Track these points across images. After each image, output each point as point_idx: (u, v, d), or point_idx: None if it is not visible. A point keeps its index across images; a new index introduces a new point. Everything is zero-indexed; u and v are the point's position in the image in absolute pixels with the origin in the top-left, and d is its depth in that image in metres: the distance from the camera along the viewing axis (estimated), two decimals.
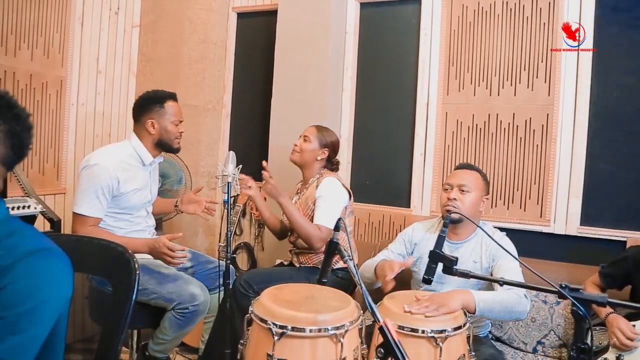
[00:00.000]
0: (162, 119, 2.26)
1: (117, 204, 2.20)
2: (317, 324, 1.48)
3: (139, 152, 2.27)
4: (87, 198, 2.11)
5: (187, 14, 3.41)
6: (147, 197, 2.34)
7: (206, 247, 3.48)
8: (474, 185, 2.11)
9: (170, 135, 2.29)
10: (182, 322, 2.12)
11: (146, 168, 2.32)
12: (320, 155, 2.53)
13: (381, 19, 3.16)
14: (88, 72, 3.23)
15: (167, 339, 2.17)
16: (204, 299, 2.16)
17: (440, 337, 1.58)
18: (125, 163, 2.21)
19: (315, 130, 2.55)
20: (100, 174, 2.10)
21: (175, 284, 2.13)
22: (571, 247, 2.66)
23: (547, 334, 2.34)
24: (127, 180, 2.18)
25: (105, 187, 2.11)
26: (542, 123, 2.72)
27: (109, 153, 2.23)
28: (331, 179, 2.48)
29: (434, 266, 1.54)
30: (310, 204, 2.47)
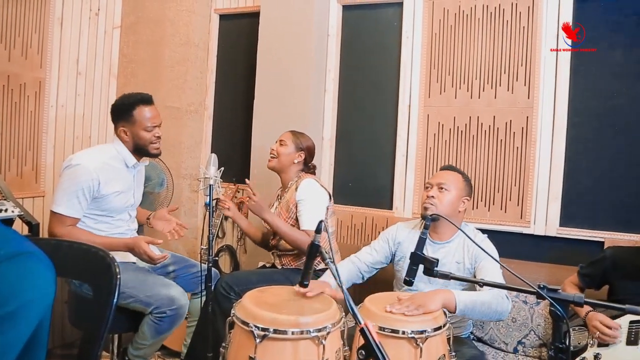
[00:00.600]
0: (133, 127, 2.22)
1: (98, 206, 2.18)
2: (299, 326, 1.48)
3: (122, 154, 2.25)
4: (67, 198, 2.09)
5: (168, 15, 3.38)
6: (129, 200, 2.31)
7: (188, 250, 3.46)
8: (454, 185, 2.13)
9: (143, 142, 2.24)
10: (160, 327, 2.09)
11: (130, 171, 2.29)
12: (297, 158, 2.58)
13: (363, 22, 3.18)
14: (68, 73, 3.18)
15: (146, 344, 2.14)
16: (183, 302, 2.13)
17: (421, 337, 1.59)
18: (107, 165, 2.19)
19: (291, 135, 2.61)
20: (82, 174, 2.09)
21: (154, 287, 2.10)
22: (551, 248, 2.70)
23: (527, 334, 2.37)
24: (108, 181, 2.16)
25: (86, 187, 2.10)
26: (522, 125, 2.75)
27: (92, 154, 2.21)
28: (309, 180, 2.53)
29: (415, 268, 1.55)
30: (291, 207, 2.49)
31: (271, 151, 2.60)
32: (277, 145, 2.59)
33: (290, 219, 2.48)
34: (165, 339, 2.21)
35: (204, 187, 2.14)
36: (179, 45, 3.41)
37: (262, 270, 2.59)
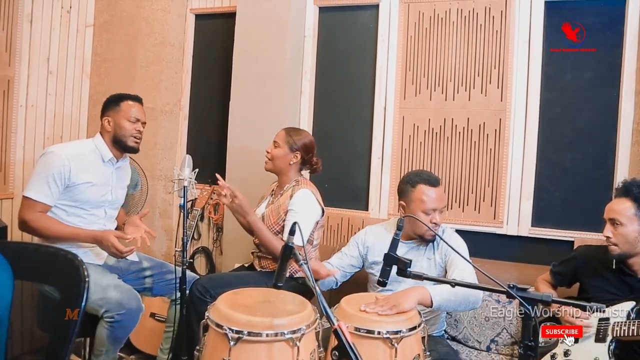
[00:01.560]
0: (117, 115, 2.30)
1: (70, 196, 2.18)
2: (273, 328, 1.47)
3: (98, 147, 2.29)
4: (37, 182, 2.12)
5: (142, 14, 3.34)
6: (106, 196, 2.30)
7: (163, 252, 3.42)
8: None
9: (123, 132, 2.29)
10: (111, 332, 2.04)
11: (106, 165, 2.30)
12: (292, 159, 2.44)
13: (340, 23, 3.19)
14: (38, 72, 3.11)
15: (102, 350, 2.09)
16: (133, 306, 2.08)
17: (396, 337, 1.60)
18: (82, 154, 2.23)
19: (285, 134, 2.47)
20: (54, 161, 2.13)
21: (106, 290, 2.06)
22: (523, 248, 2.76)
23: (500, 332, 2.41)
24: (80, 170, 2.18)
25: (57, 173, 2.12)
26: (495, 127, 2.80)
27: (68, 144, 2.32)
28: (306, 192, 2.39)
29: (388, 269, 1.56)
30: (282, 213, 2.38)
31: (266, 153, 2.49)
32: (271, 147, 2.47)
33: (278, 225, 2.39)
34: (121, 344, 2.14)
35: (179, 188, 2.11)
36: (153, 44, 3.37)
37: (239, 273, 2.55)
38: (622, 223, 1.92)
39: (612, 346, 1.89)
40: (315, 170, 2.56)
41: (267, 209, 2.48)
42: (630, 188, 1.95)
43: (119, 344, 2.12)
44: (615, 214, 1.94)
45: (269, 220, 2.42)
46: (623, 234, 1.92)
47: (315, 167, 2.55)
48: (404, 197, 2.15)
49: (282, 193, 2.47)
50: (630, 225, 1.91)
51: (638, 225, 1.91)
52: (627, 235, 1.91)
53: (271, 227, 2.39)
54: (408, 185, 2.13)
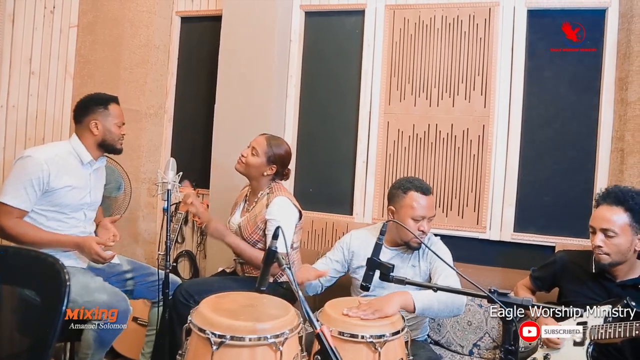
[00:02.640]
0: (106, 120, 2.28)
1: (49, 200, 2.14)
2: (256, 333, 1.47)
3: (77, 150, 2.24)
4: (14, 188, 2.07)
5: (127, 15, 3.31)
6: (85, 198, 2.27)
7: (146, 256, 3.38)
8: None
9: (113, 136, 2.29)
10: (99, 335, 2.03)
11: (85, 168, 2.27)
12: (267, 171, 2.40)
13: (326, 28, 3.20)
14: (20, 72, 3.07)
15: (89, 353, 2.07)
16: (121, 309, 2.06)
17: (379, 342, 1.61)
18: (60, 158, 2.18)
19: (265, 143, 2.39)
20: (31, 165, 2.08)
21: (93, 292, 2.05)
22: (506, 253, 2.79)
23: (482, 337, 2.43)
24: (59, 174, 2.14)
25: (35, 179, 2.07)
26: (479, 133, 2.83)
27: (45, 147, 2.25)
28: (282, 199, 2.36)
29: (371, 273, 1.57)
30: (259, 223, 2.36)
31: (241, 155, 2.42)
32: (248, 152, 2.40)
33: (255, 234, 2.37)
34: (108, 348, 2.13)
35: (162, 192, 2.11)
36: (138, 46, 3.35)
37: (222, 278, 2.53)
38: (616, 234, 1.89)
39: (590, 349, 1.92)
40: (284, 179, 2.52)
41: (243, 218, 2.46)
42: (623, 197, 1.91)
43: (106, 347, 2.11)
44: (609, 224, 1.91)
45: (246, 230, 2.39)
46: (616, 244, 1.90)
47: (285, 177, 2.52)
48: (394, 202, 2.16)
49: (257, 201, 2.44)
50: (623, 236, 1.89)
51: (631, 236, 1.89)
52: (621, 245, 1.89)
53: (249, 237, 2.38)
54: (399, 191, 2.14)
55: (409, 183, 2.15)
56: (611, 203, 1.94)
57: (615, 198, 1.94)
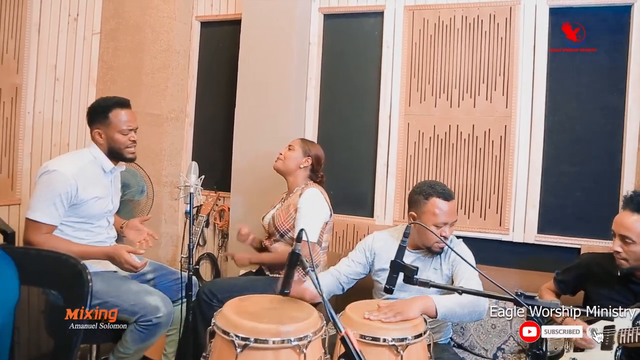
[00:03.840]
0: (108, 129, 2.19)
1: (77, 212, 2.13)
2: (280, 335, 1.47)
3: (99, 159, 2.20)
4: (43, 204, 2.03)
5: (149, 21, 3.36)
6: (108, 206, 2.27)
7: (169, 259, 3.42)
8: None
9: (118, 145, 2.21)
10: (144, 335, 2.06)
11: (107, 176, 2.26)
12: (303, 163, 2.55)
13: (345, 31, 3.20)
14: (45, 79, 3.13)
15: (128, 353, 2.10)
16: (167, 310, 2.10)
17: (401, 345, 1.60)
18: (85, 170, 2.14)
19: (300, 141, 2.61)
20: (59, 180, 2.04)
21: (137, 296, 2.07)
22: (529, 255, 2.75)
23: (506, 340, 2.40)
24: (86, 187, 2.12)
25: (64, 194, 2.04)
26: (501, 134, 2.80)
27: (68, 159, 2.17)
28: (315, 190, 2.49)
29: (395, 276, 1.56)
30: (292, 211, 2.46)
31: (279, 154, 2.59)
32: (285, 150, 2.58)
33: (287, 223, 2.46)
34: (148, 348, 2.17)
35: (185, 195, 2.12)
36: (159, 51, 3.39)
37: (245, 278, 2.57)
38: (634, 241, 1.87)
39: (619, 353, 1.88)
40: (320, 183, 2.61)
41: (277, 211, 2.54)
42: None
43: (146, 348, 2.13)
44: (627, 231, 1.89)
45: (279, 219, 2.48)
46: (635, 252, 1.88)
47: (321, 180, 2.63)
48: (416, 208, 2.11)
49: (292, 195, 2.54)
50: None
51: None
52: (638, 253, 1.88)
53: (280, 226, 2.47)
54: (421, 197, 2.09)
55: (430, 188, 2.09)
56: (632, 210, 1.92)
57: (637, 205, 1.91)
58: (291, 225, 2.45)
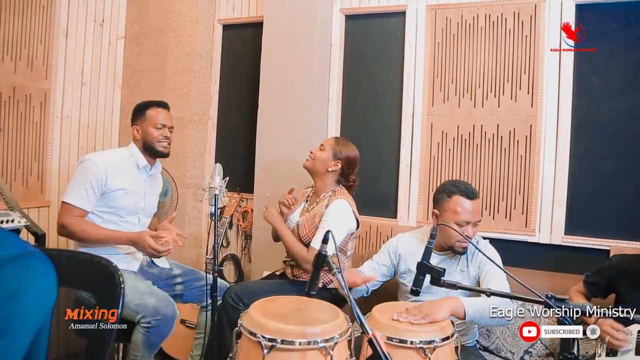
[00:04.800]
0: (144, 123, 2.39)
1: (106, 202, 2.26)
2: (306, 337, 1.48)
3: (134, 156, 2.38)
4: (76, 189, 2.20)
5: (172, 25, 3.41)
6: (139, 203, 2.36)
7: (193, 260, 3.45)
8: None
9: (151, 138, 2.37)
10: (147, 337, 2.08)
11: (141, 172, 2.38)
12: (332, 167, 2.46)
13: (366, 31, 3.19)
14: (72, 83, 3.20)
15: (138, 355, 2.13)
16: (169, 313, 2.12)
17: (429, 347, 1.59)
18: (117, 161, 2.31)
19: (333, 141, 2.52)
20: (91, 167, 2.21)
21: (142, 296, 2.10)
22: (556, 256, 2.69)
23: (534, 344, 2.35)
24: (116, 176, 2.26)
25: (95, 180, 2.20)
26: (526, 134, 2.76)
27: (103, 152, 2.44)
28: (344, 203, 2.40)
29: (421, 278, 1.55)
30: (317, 221, 2.40)
31: (310, 153, 2.53)
32: (316, 149, 2.52)
33: (312, 233, 2.41)
34: (156, 350, 2.18)
35: (209, 196, 2.15)
36: (182, 55, 3.43)
37: (272, 282, 2.56)
38: None
39: None
40: (350, 187, 2.54)
41: (302, 217, 2.50)
42: None
43: (154, 349, 2.16)
44: None
45: (304, 229, 2.44)
46: None
47: (352, 185, 2.55)
48: (438, 205, 2.12)
49: (318, 201, 2.49)
50: None
51: None
52: None
53: (305, 237, 2.42)
54: (444, 195, 2.09)
55: (453, 187, 2.09)
56: None
57: None
58: (314, 234, 2.41)
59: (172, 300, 2.19)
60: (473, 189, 2.10)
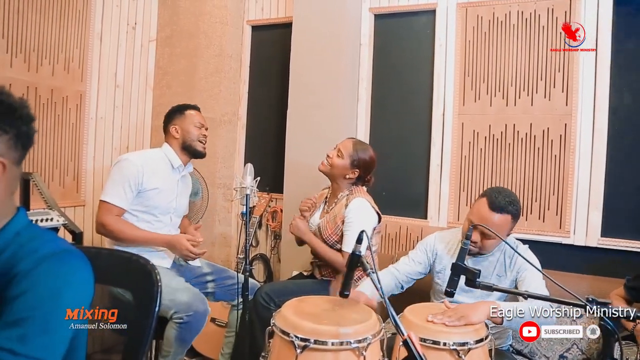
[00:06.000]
0: (184, 123, 2.44)
1: (141, 202, 2.29)
2: (339, 337, 1.47)
3: (168, 155, 2.41)
4: (114, 188, 2.24)
5: (202, 27, 3.45)
6: (172, 203, 2.40)
7: (222, 259, 3.49)
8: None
9: (192, 137, 2.43)
10: (179, 333, 2.11)
11: (174, 173, 2.42)
12: (349, 174, 2.44)
13: (396, 30, 3.17)
14: (106, 86, 3.28)
15: (170, 350, 2.16)
16: (201, 309, 2.15)
17: (463, 349, 1.56)
18: (153, 161, 2.35)
19: (351, 147, 2.44)
20: (128, 167, 2.25)
21: (175, 292, 2.13)
22: (592, 259, 2.62)
23: (569, 348, 2.30)
24: (151, 176, 2.29)
25: (132, 179, 2.24)
26: (560, 133, 2.69)
27: (139, 152, 2.47)
28: (361, 200, 2.39)
29: (456, 279, 1.52)
30: (339, 222, 2.41)
31: (327, 156, 2.48)
32: (333, 153, 2.46)
33: (335, 235, 2.41)
34: (188, 346, 2.21)
35: (241, 196, 2.17)
36: (212, 56, 3.48)
37: (302, 281, 2.57)
38: None
39: None
40: (365, 184, 2.54)
41: (322, 219, 2.50)
42: None
43: (186, 345, 2.19)
44: None
45: (326, 231, 2.44)
46: None
47: (368, 183, 2.54)
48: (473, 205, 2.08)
49: (337, 202, 2.49)
50: None
51: None
52: None
53: (328, 238, 2.43)
54: (480, 195, 2.03)
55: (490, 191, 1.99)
56: None
57: None
58: (339, 237, 2.41)
59: (203, 297, 2.22)
60: (504, 203, 1.94)
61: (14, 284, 0.92)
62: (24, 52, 2.77)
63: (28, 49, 2.79)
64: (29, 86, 2.80)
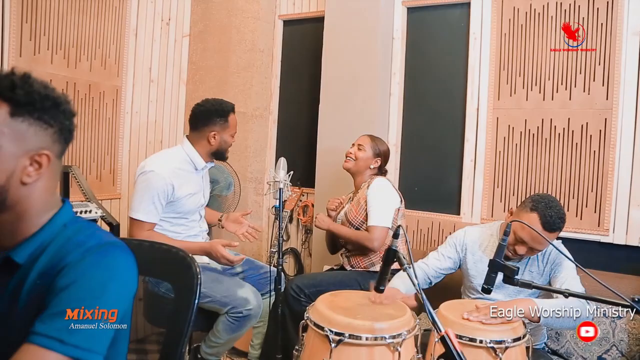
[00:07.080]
0: (224, 132, 2.32)
1: (173, 209, 2.25)
2: (374, 332, 1.47)
3: (191, 157, 2.29)
4: (144, 204, 2.16)
5: (234, 22, 3.47)
6: (200, 200, 2.39)
7: (254, 252, 3.52)
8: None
9: (226, 146, 2.36)
10: (235, 326, 2.15)
11: (198, 172, 2.37)
12: (374, 164, 2.58)
13: (429, 23, 3.13)
14: (142, 81, 3.34)
15: (219, 342, 2.20)
16: (257, 303, 2.19)
17: (500, 347, 1.55)
18: (179, 169, 2.25)
19: (369, 140, 2.60)
20: (156, 180, 2.15)
21: (229, 288, 2.17)
22: (633, 258, 2.54)
23: (608, 350, 2.24)
24: (181, 185, 2.23)
25: (161, 193, 2.16)
26: (600, 128, 2.61)
27: (163, 159, 2.26)
28: (382, 179, 2.55)
29: (493, 275, 1.50)
30: (362, 203, 2.50)
31: (348, 154, 2.60)
32: (355, 149, 2.60)
33: (360, 215, 2.49)
34: (238, 338, 2.25)
35: (274, 190, 2.18)
36: (244, 51, 3.50)
37: (332, 273, 2.59)
38: None
39: None
40: (383, 175, 2.66)
41: (347, 205, 2.61)
42: None
43: (237, 338, 2.23)
44: None
45: (351, 213, 2.53)
46: None
47: (384, 175, 2.67)
48: (519, 209, 1.96)
49: (359, 191, 2.58)
50: None
51: None
52: None
53: (354, 219, 2.51)
54: (529, 205, 1.89)
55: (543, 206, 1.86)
56: None
57: None
58: (364, 217, 2.48)
59: (257, 290, 2.24)
60: (558, 222, 1.86)
61: (62, 275, 0.94)
62: (64, 48, 2.85)
63: (68, 45, 2.87)
64: (68, 81, 2.87)
